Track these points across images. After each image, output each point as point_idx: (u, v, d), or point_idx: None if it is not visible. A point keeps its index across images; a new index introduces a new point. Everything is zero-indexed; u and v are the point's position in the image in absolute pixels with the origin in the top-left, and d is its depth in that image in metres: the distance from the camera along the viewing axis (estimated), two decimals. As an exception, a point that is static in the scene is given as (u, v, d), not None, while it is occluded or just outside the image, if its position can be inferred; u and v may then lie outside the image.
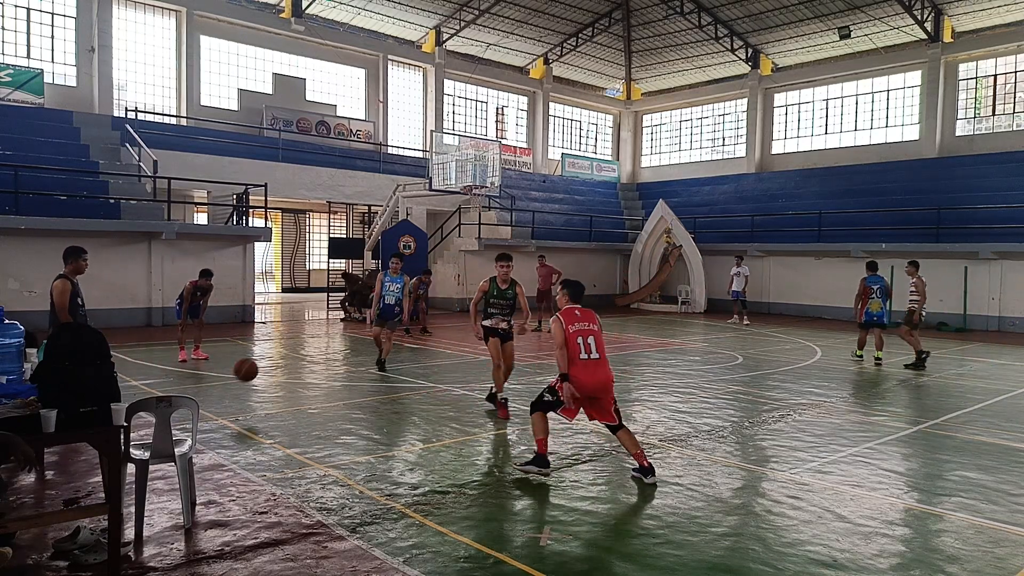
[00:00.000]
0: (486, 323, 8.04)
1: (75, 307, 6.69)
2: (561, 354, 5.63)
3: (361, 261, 21.34)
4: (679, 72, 32.52)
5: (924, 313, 12.72)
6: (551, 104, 32.68)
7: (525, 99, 32.11)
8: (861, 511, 5.06)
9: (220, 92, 23.51)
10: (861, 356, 13.13)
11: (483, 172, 20.08)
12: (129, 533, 4.37)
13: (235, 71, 23.95)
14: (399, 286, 10.67)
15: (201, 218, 22.72)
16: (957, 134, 25.22)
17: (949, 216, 20.67)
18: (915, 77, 26.10)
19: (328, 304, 21.12)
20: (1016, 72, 24.16)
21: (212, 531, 4.50)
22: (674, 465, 6.15)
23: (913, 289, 12.64)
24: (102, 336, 4.16)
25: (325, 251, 25.36)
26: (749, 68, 29.85)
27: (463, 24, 27.45)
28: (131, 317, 16.04)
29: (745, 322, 19.80)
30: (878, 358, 12.59)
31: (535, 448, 5.82)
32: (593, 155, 34.61)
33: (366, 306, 18.52)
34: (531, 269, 24.62)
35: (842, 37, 26.52)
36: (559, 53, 31.16)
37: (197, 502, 4.91)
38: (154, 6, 22.17)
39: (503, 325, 8.06)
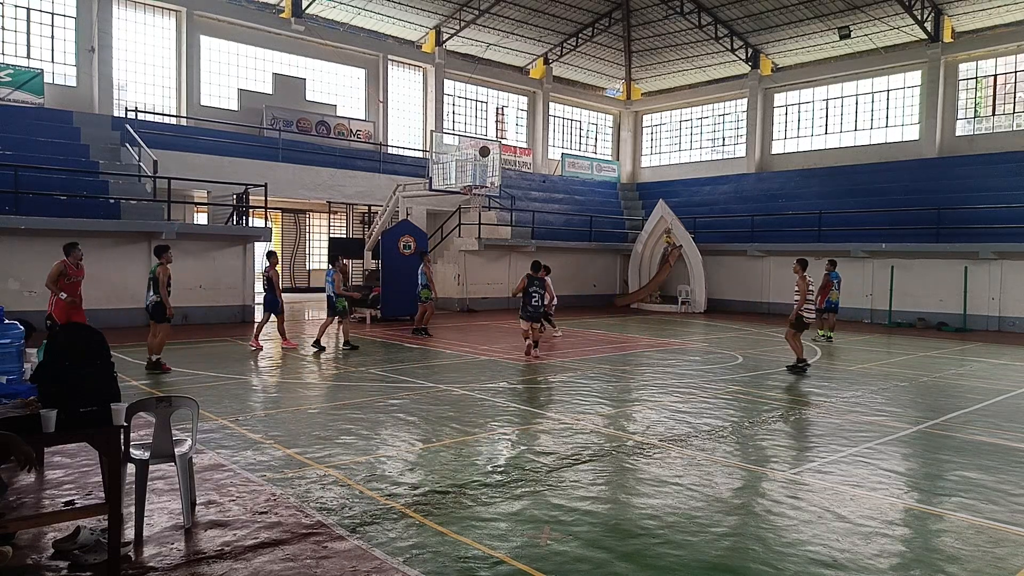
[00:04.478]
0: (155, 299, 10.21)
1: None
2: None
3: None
4: (679, 72, 32.52)
5: (810, 313, 11.72)
6: (551, 104, 32.68)
7: (525, 99, 32.11)
8: (861, 511, 5.06)
9: (220, 92, 23.51)
10: (829, 335, 15.88)
11: (483, 172, 20.05)
12: (129, 533, 4.37)
13: (235, 71, 23.95)
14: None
15: (201, 218, 22.72)
16: (957, 134, 25.22)
17: (949, 216, 20.67)
18: (915, 77, 26.10)
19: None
20: (1016, 72, 24.16)
21: (212, 531, 4.50)
22: (674, 465, 6.15)
23: (796, 288, 11.74)
24: (102, 336, 4.16)
25: (325, 251, 25.37)
26: (749, 68, 29.85)
27: (463, 24, 27.45)
28: (131, 317, 16.02)
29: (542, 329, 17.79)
30: (828, 336, 15.81)
31: None
32: (593, 155, 34.60)
33: (364, 306, 18.54)
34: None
35: (842, 37, 26.51)
36: (559, 53, 31.15)
37: (197, 502, 4.91)
38: (154, 6, 22.17)
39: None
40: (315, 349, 12.93)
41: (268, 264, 13.56)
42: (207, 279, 17.10)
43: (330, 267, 13.78)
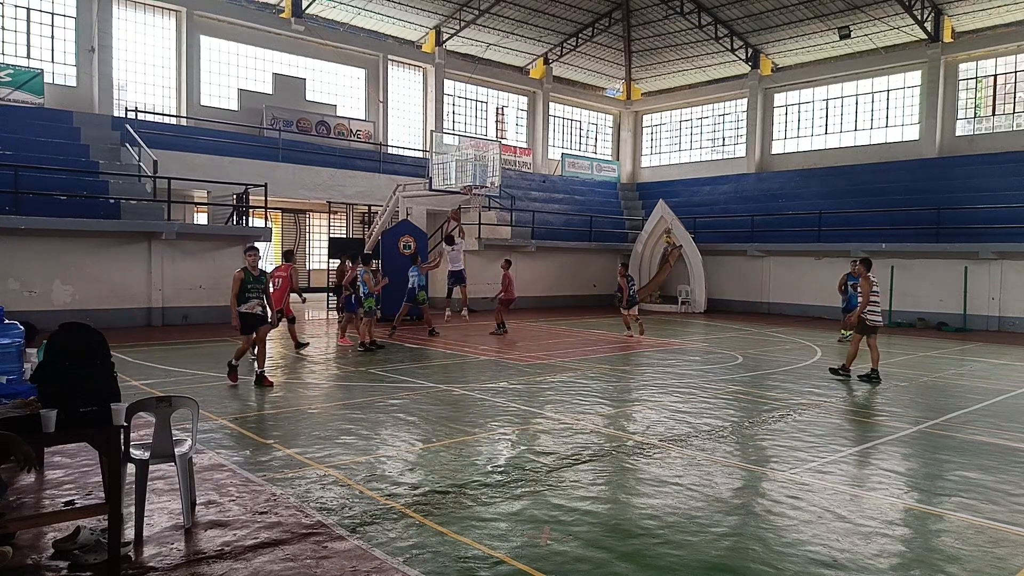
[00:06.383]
0: (243, 308, 9.19)
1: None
2: None
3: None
4: (679, 72, 32.51)
5: (875, 319, 10.58)
6: (551, 104, 32.66)
7: (525, 99, 32.10)
8: (861, 511, 5.06)
9: (220, 92, 23.50)
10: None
11: (483, 172, 20.05)
12: (129, 533, 4.37)
13: (235, 71, 23.94)
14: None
15: (201, 218, 22.71)
16: (957, 134, 25.21)
17: (949, 216, 20.67)
18: (915, 77, 26.10)
19: (328, 304, 21.11)
20: (1016, 72, 24.15)
21: (212, 531, 4.50)
22: (674, 465, 6.14)
23: (859, 290, 10.86)
24: (102, 336, 4.16)
25: (325, 251, 25.37)
26: (749, 68, 29.84)
27: (463, 24, 27.45)
28: (131, 317, 16.04)
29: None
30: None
31: None
32: (593, 155, 34.59)
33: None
34: (532, 268, 24.73)
35: (842, 37, 26.51)
36: (559, 53, 31.14)
37: (197, 502, 4.91)
38: (154, 6, 22.17)
39: (258, 309, 9.33)
40: (361, 349, 13.12)
41: (349, 266, 14.21)
42: (207, 279, 17.11)
43: (362, 267, 13.67)
